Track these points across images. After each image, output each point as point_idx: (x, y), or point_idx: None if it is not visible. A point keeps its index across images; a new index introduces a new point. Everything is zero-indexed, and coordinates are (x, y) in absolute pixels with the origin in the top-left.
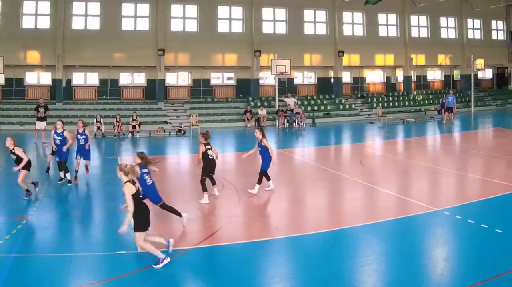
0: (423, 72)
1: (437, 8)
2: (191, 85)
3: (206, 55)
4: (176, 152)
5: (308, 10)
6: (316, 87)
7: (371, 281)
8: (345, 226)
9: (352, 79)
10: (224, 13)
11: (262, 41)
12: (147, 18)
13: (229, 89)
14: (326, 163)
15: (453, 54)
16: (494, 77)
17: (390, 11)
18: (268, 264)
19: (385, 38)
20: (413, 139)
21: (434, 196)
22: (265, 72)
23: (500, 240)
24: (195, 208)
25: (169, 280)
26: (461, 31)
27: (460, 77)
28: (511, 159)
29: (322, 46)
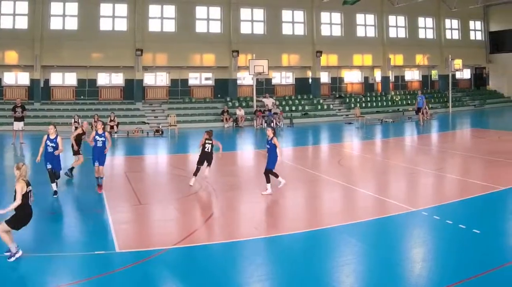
0: (401, 72)
1: (415, 9)
2: (169, 85)
3: (184, 55)
4: (154, 152)
5: (286, 10)
6: (294, 88)
7: (349, 281)
8: (323, 226)
9: (330, 80)
10: (202, 13)
11: (240, 42)
12: (125, 18)
13: (207, 90)
14: (304, 163)
15: (431, 54)
16: (472, 77)
17: (368, 11)
18: (246, 264)
19: (363, 39)
20: (391, 140)
21: (412, 196)
22: (243, 72)
23: (478, 240)
24: (172, 208)
25: (147, 280)
26: (439, 32)
27: (438, 77)
28: (489, 159)
29: (300, 47)
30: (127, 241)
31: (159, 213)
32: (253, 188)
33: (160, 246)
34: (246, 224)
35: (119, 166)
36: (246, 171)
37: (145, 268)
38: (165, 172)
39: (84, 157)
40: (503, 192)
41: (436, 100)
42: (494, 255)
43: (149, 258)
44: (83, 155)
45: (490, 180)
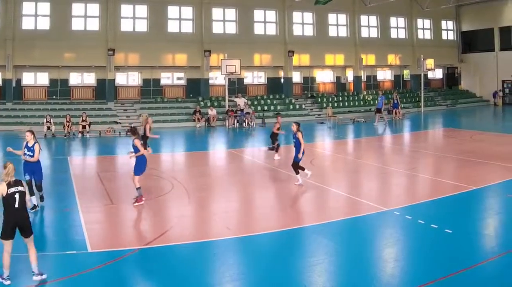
0: (373, 72)
1: (387, 8)
2: (141, 85)
3: (156, 55)
4: (126, 152)
5: (258, 10)
6: (266, 87)
7: (321, 281)
8: (295, 226)
9: (302, 79)
10: (174, 13)
11: (212, 41)
12: (97, 18)
13: (179, 89)
14: (276, 163)
15: (403, 54)
16: (444, 77)
17: (340, 11)
18: (218, 264)
19: (335, 38)
20: (363, 139)
21: (384, 196)
22: (215, 72)
23: (450, 240)
24: (145, 207)
25: (119, 280)
26: (411, 31)
27: (410, 77)
28: (461, 159)
29: (272, 46)
30: (99, 241)
31: (131, 213)
32: (225, 188)
33: (132, 246)
34: (218, 224)
35: (91, 165)
36: (218, 170)
37: (117, 268)
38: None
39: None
40: (475, 192)
41: (408, 100)
42: (466, 255)
43: (121, 258)
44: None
45: (462, 179)
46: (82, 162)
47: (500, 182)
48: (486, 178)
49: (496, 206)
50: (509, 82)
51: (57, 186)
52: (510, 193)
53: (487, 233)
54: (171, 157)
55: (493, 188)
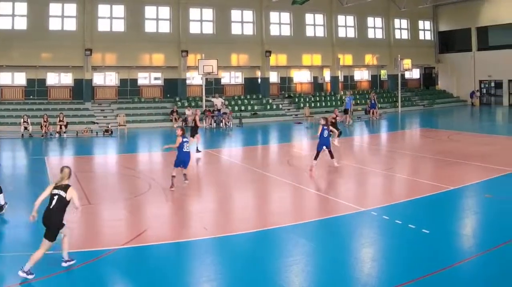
0: (350, 72)
1: (364, 8)
2: (118, 85)
3: (133, 55)
4: (104, 152)
5: (235, 10)
6: (243, 87)
7: (298, 281)
8: (272, 226)
9: (279, 79)
10: (151, 13)
11: (189, 41)
12: (74, 18)
13: (156, 90)
14: (254, 163)
15: (380, 54)
16: (421, 77)
17: (317, 11)
18: (195, 264)
19: (312, 38)
20: (340, 140)
21: (361, 196)
22: (192, 72)
23: (427, 240)
24: (122, 207)
25: (96, 280)
26: (388, 31)
27: (387, 77)
28: (438, 159)
29: (249, 46)
30: (76, 241)
31: (108, 213)
32: (202, 188)
33: (109, 246)
34: (196, 224)
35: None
36: (196, 171)
37: (94, 268)
38: (115, 172)
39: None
40: (452, 192)
41: (385, 100)
42: (443, 255)
43: (98, 258)
44: None
45: (440, 179)
46: (59, 162)
47: (477, 182)
48: (463, 178)
49: (474, 206)
50: (486, 82)
51: (34, 187)
52: (488, 193)
53: (464, 233)
54: (148, 157)
55: (470, 188)
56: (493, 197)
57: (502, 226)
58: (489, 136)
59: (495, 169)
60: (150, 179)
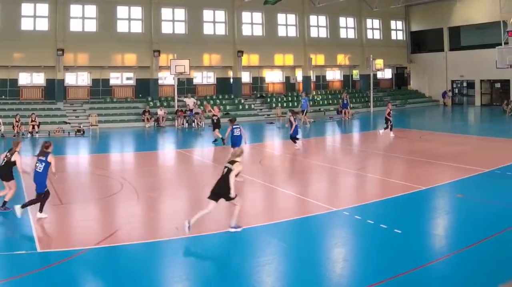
0: (322, 72)
1: (336, 8)
2: (90, 85)
3: (106, 55)
4: (76, 152)
5: (207, 10)
6: (215, 87)
7: (270, 281)
8: (244, 226)
9: (251, 79)
10: (123, 13)
11: (161, 41)
12: (46, 18)
13: (128, 89)
14: (221, 163)
15: (353, 54)
16: (394, 77)
17: (289, 11)
18: (167, 264)
19: (285, 38)
20: (312, 140)
21: (333, 196)
22: (164, 72)
23: (399, 240)
24: (94, 207)
25: (69, 280)
26: (360, 31)
27: (359, 77)
28: (410, 159)
29: (221, 46)
30: (48, 241)
31: (80, 213)
32: (174, 188)
33: (82, 246)
34: (167, 224)
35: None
36: (167, 171)
37: (66, 268)
38: (87, 171)
39: None
40: (424, 192)
41: (357, 100)
42: (415, 255)
43: (71, 257)
44: None
45: (412, 179)
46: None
47: (449, 181)
48: (435, 178)
49: (445, 206)
50: (458, 82)
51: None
52: (459, 192)
53: (436, 233)
54: (121, 157)
55: (442, 188)
56: (465, 196)
57: (473, 226)
58: (461, 136)
59: (466, 169)
60: (122, 179)
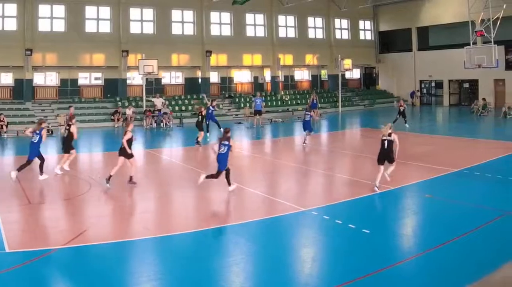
0: (291, 72)
1: (304, 8)
2: (59, 85)
3: (74, 55)
4: (44, 151)
5: (175, 10)
6: (183, 87)
7: (238, 281)
8: (213, 226)
9: (219, 79)
10: (92, 13)
11: (130, 41)
12: (14, 18)
13: (97, 89)
14: (194, 163)
15: (321, 54)
16: (362, 77)
17: (257, 11)
18: (136, 264)
19: (253, 38)
20: (281, 139)
21: (302, 196)
22: (133, 72)
23: (368, 240)
24: (63, 207)
25: (38, 279)
26: (329, 31)
27: (327, 77)
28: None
29: (189, 46)
30: (17, 241)
31: (49, 212)
32: (143, 188)
33: (51, 245)
34: (137, 223)
35: (8, 165)
36: (136, 171)
37: (35, 267)
38: (53, 172)
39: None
40: (393, 192)
41: (325, 100)
42: (383, 255)
43: (39, 257)
44: None
45: (380, 179)
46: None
47: (418, 181)
48: (403, 178)
49: (414, 206)
50: (427, 82)
51: None
52: (428, 192)
53: (404, 233)
54: (89, 157)
55: (411, 188)
56: (433, 196)
57: (442, 226)
58: (430, 136)
59: (435, 169)
60: (90, 179)
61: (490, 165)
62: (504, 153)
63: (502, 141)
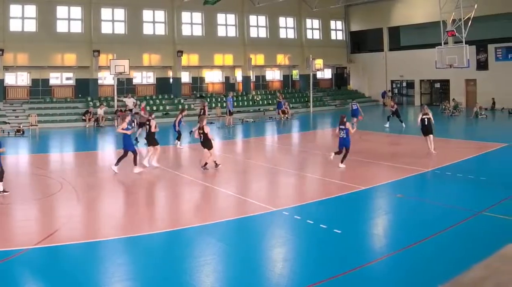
0: (262, 72)
1: (276, 8)
2: (30, 85)
3: (45, 55)
4: (15, 152)
5: (147, 10)
6: (155, 87)
7: (209, 281)
8: (184, 226)
9: (191, 79)
10: (63, 13)
11: (101, 41)
12: None
13: (68, 89)
14: (165, 163)
15: (292, 54)
16: (333, 77)
17: (229, 11)
18: (107, 264)
19: (224, 38)
20: (252, 140)
21: (273, 196)
22: (104, 72)
23: (339, 240)
24: (34, 207)
25: (8, 280)
26: (300, 31)
27: (299, 77)
28: (349, 159)
29: (161, 46)
30: None
31: (20, 213)
32: (114, 188)
33: (21, 246)
34: (107, 224)
35: None
36: (107, 170)
37: (5, 268)
38: (26, 172)
39: None
40: (364, 192)
41: (297, 100)
42: (354, 255)
43: (10, 258)
44: None
45: (351, 179)
46: None
47: (389, 181)
48: (375, 177)
49: (385, 206)
50: (398, 82)
51: None
52: (399, 192)
53: (375, 233)
54: (60, 157)
55: (382, 188)
56: (405, 196)
57: (413, 226)
58: (401, 136)
59: (406, 169)
60: (61, 179)
61: (462, 165)
62: (476, 153)
63: (473, 141)
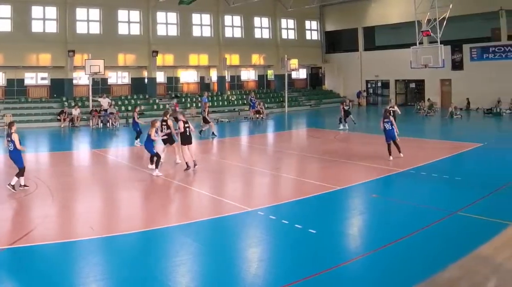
0: (237, 72)
1: (251, 8)
2: (5, 85)
3: (20, 55)
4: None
5: (122, 10)
6: (130, 87)
7: (184, 281)
8: (159, 226)
9: (166, 79)
10: (38, 13)
11: (76, 41)
12: None
13: (43, 89)
14: (139, 163)
15: (267, 54)
16: (308, 77)
17: (204, 11)
18: (82, 264)
19: (199, 38)
20: (227, 140)
21: (248, 196)
22: (79, 72)
23: (314, 240)
24: (9, 207)
25: None
26: (275, 31)
27: (274, 77)
28: (324, 159)
29: (136, 46)
30: None
31: None
32: (89, 188)
33: None
34: (82, 223)
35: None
36: (82, 170)
37: None
38: (1, 171)
39: None
40: (339, 192)
41: (272, 100)
42: (330, 255)
43: None
44: None
45: (326, 179)
46: None
47: (364, 181)
48: (350, 177)
49: (360, 206)
50: (373, 82)
51: None
52: (374, 192)
53: (351, 233)
54: (35, 157)
55: (357, 188)
56: (380, 196)
57: (388, 226)
58: (376, 136)
59: (381, 169)
60: (36, 179)
61: (436, 165)
62: (451, 153)
63: (448, 141)
